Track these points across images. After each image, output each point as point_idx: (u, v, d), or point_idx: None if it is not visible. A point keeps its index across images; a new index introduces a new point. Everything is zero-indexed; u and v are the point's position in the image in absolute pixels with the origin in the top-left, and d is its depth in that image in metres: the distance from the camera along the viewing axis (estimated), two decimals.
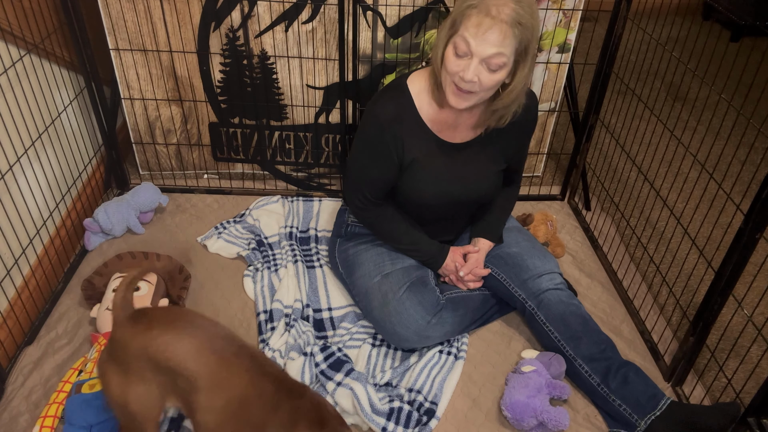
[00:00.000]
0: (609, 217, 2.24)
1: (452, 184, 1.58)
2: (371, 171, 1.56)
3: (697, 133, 2.77)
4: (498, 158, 1.61)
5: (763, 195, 1.29)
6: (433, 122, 1.51)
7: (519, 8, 1.27)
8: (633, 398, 1.46)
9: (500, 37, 1.27)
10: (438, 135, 1.52)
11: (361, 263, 1.68)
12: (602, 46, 2.00)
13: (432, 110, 1.50)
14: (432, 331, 1.59)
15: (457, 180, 1.58)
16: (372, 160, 1.54)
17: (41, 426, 1.39)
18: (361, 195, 1.60)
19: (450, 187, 1.58)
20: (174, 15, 1.98)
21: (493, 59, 1.29)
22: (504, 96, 1.41)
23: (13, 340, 1.61)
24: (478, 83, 1.33)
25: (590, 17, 3.72)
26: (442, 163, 1.55)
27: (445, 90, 1.40)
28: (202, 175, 2.36)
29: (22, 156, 1.70)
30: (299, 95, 2.16)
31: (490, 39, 1.27)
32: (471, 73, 1.31)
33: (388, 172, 1.55)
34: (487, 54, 1.29)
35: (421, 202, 1.60)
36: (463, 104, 1.39)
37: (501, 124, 1.48)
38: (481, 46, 1.29)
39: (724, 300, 1.46)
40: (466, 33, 1.29)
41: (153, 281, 1.72)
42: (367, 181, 1.58)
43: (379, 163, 1.54)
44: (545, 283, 1.63)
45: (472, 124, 1.53)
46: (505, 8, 1.26)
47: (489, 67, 1.31)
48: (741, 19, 1.62)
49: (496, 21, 1.26)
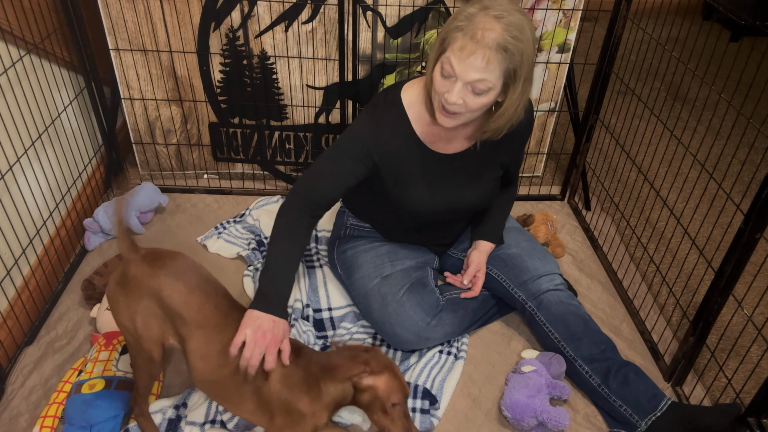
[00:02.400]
0: (609, 217, 2.24)
1: (447, 194, 1.55)
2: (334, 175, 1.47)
3: (697, 133, 2.77)
4: (493, 166, 1.59)
5: (763, 195, 1.29)
6: (425, 134, 1.48)
7: (506, 33, 1.22)
8: (633, 399, 1.46)
9: (483, 62, 1.23)
10: (430, 147, 1.49)
11: (360, 265, 1.68)
12: (602, 46, 2.00)
13: (425, 122, 1.47)
14: (432, 333, 1.59)
15: (452, 190, 1.56)
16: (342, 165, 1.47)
17: (41, 426, 1.39)
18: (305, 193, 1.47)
19: (445, 198, 1.56)
20: (174, 15, 1.98)
21: (477, 84, 1.25)
22: (497, 117, 1.36)
23: (13, 340, 1.61)
24: (464, 105, 1.29)
25: (590, 17, 3.72)
26: (436, 176, 1.52)
27: (435, 107, 1.37)
28: (202, 175, 2.36)
29: (22, 156, 1.70)
30: (299, 95, 2.16)
31: (473, 64, 1.23)
32: (455, 96, 1.27)
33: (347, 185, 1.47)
34: (471, 79, 1.25)
35: (417, 213, 1.57)
36: (450, 123, 1.36)
37: (495, 137, 1.45)
38: (464, 70, 1.24)
39: (724, 300, 1.46)
40: (451, 55, 1.26)
41: None
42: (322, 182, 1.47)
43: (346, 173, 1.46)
44: (545, 284, 1.63)
45: (466, 137, 1.50)
46: (490, 33, 1.22)
47: (474, 90, 1.27)
48: (741, 19, 1.62)
49: (479, 46, 1.22)
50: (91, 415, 1.37)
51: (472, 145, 1.52)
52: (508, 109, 1.34)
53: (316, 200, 1.46)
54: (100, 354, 1.50)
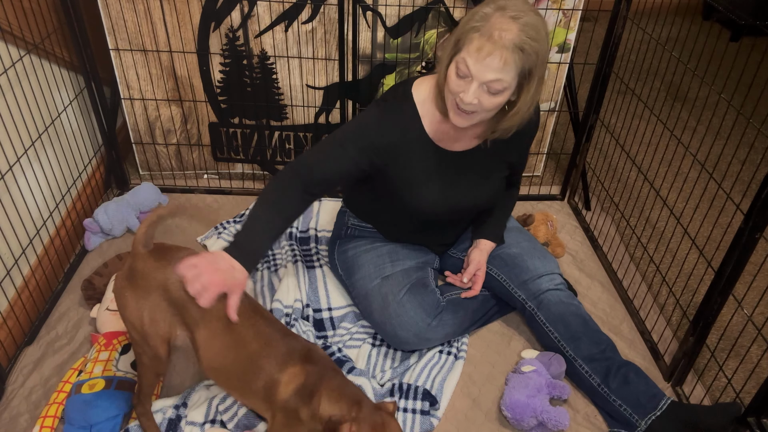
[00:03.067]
0: (609, 217, 2.24)
1: (453, 193, 1.56)
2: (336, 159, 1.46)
3: (697, 133, 2.77)
4: (500, 165, 1.59)
5: (763, 195, 1.29)
6: (435, 132, 1.48)
7: (523, 34, 1.23)
8: (633, 398, 1.46)
9: (500, 63, 1.23)
10: (438, 144, 1.50)
11: (360, 265, 1.68)
12: (602, 46, 2.00)
13: (435, 120, 1.47)
14: (432, 333, 1.59)
15: (457, 189, 1.56)
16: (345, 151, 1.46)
17: (41, 426, 1.39)
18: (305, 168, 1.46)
19: (451, 197, 1.56)
20: (174, 15, 1.98)
21: (493, 84, 1.26)
22: (509, 116, 1.37)
23: (13, 340, 1.61)
24: (479, 104, 1.30)
25: (590, 17, 3.72)
26: (443, 174, 1.53)
27: (448, 107, 1.37)
28: (202, 175, 2.36)
29: (22, 156, 1.70)
30: (299, 95, 2.16)
31: (490, 64, 1.24)
32: (471, 95, 1.28)
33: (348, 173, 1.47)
34: (487, 79, 1.26)
35: (423, 212, 1.57)
36: (464, 123, 1.37)
37: (505, 136, 1.46)
38: (480, 71, 1.25)
39: (724, 300, 1.46)
40: (467, 56, 1.26)
41: None
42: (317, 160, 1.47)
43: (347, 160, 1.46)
44: (545, 283, 1.63)
45: (475, 135, 1.50)
46: (507, 33, 1.22)
47: (489, 90, 1.28)
48: (741, 18, 1.62)
49: (497, 46, 1.22)
50: (91, 415, 1.37)
51: (479, 144, 1.52)
52: (521, 108, 1.35)
53: (312, 177, 1.44)
54: (100, 354, 1.50)
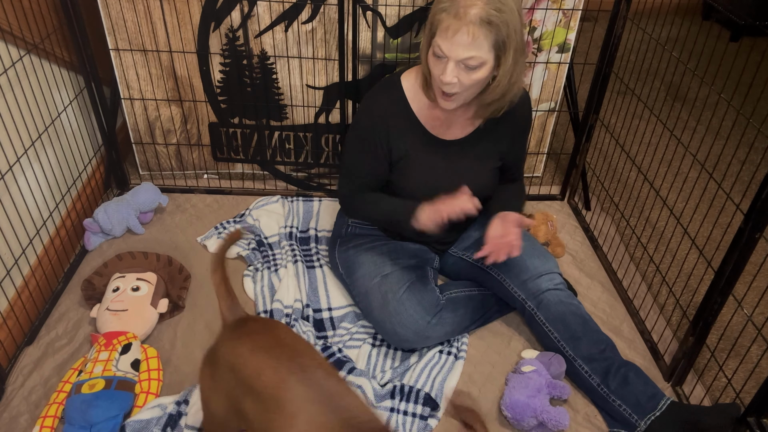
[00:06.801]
0: (609, 217, 2.24)
1: (444, 180, 1.57)
2: (362, 164, 1.58)
3: (697, 133, 2.77)
4: (492, 155, 1.61)
5: (763, 195, 1.29)
6: (425, 118, 1.52)
7: (488, 6, 1.26)
8: (633, 398, 1.46)
9: (469, 38, 1.27)
10: (430, 131, 1.53)
11: (361, 264, 1.68)
12: (602, 46, 2.00)
13: (424, 106, 1.52)
14: (432, 332, 1.59)
15: (448, 177, 1.58)
16: (362, 154, 1.56)
17: (41, 426, 1.39)
18: (351, 185, 1.62)
19: (441, 184, 1.57)
20: (174, 15, 1.98)
21: (468, 61, 1.30)
22: (492, 89, 1.40)
23: (13, 340, 1.61)
24: (459, 84, 1.34)
25: (590, 17, 3.72)
26: (433, 160, 1.56)
27: (435, 92, 1.42)
28: (202, 175, 2.36)
29: (22, 156, 1.70)
30: (299, 95, 2.16)
31: (460, 41, 1.28)
32: (449, 75, 1.32)
33: (378, 167, 1.57)
34: (461, 57, 1.29)
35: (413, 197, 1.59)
36: (450, 105, 1.41)
37: (496, 115, 1.49)
38: (452, 49, 1.29)
39: (724, 300, 1.46)
40: (438, 37, 1.31)
41: (153, 281, 1.72)
42: (357, 175, 1.60)
43: (369, 158, 1.56)
44: (545, 283, 1.63)
45: (466, 119, 1.53)
46: (472, 9, 1.26)
47: (467, 66, 1.32)
48: (741, 19, 1.62)
49: (463, 23, 1.26)
50: (91, 415, 1.37)
51: (470, 132, 1.53)
52: (501, 80, 1.37)
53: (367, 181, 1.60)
54: (100, 354, 1.50)
